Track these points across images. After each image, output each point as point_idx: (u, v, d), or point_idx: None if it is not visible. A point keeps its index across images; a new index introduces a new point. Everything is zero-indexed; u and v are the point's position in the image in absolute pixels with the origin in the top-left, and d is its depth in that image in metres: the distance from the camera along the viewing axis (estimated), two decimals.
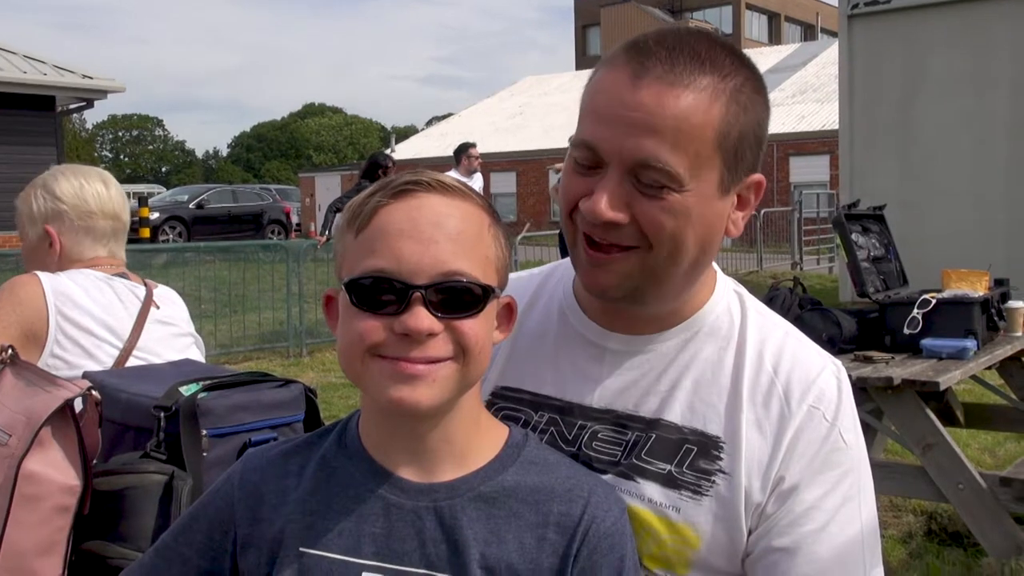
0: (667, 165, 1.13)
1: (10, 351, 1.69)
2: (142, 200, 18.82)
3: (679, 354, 1.29)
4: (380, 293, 1.07)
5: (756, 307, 1.36)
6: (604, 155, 1.16)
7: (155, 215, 21.74)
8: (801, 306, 4.48)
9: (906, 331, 4.20)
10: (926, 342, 4.12)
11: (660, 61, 1.14)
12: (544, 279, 1.45)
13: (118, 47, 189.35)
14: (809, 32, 53.94)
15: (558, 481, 1.16)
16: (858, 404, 3.84)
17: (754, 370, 1.27)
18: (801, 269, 17.47)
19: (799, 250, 18.27)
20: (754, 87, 1.20)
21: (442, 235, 1.08)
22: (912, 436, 3.86)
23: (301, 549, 1.13)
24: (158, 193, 32.53)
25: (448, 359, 1.08)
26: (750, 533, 1.22)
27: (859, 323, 4.39)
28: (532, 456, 1.18)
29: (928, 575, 3.95)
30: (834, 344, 4.28)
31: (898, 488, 4.13)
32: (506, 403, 1.34)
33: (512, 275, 1.48)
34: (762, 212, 18.85)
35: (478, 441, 1.17)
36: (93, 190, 2.46)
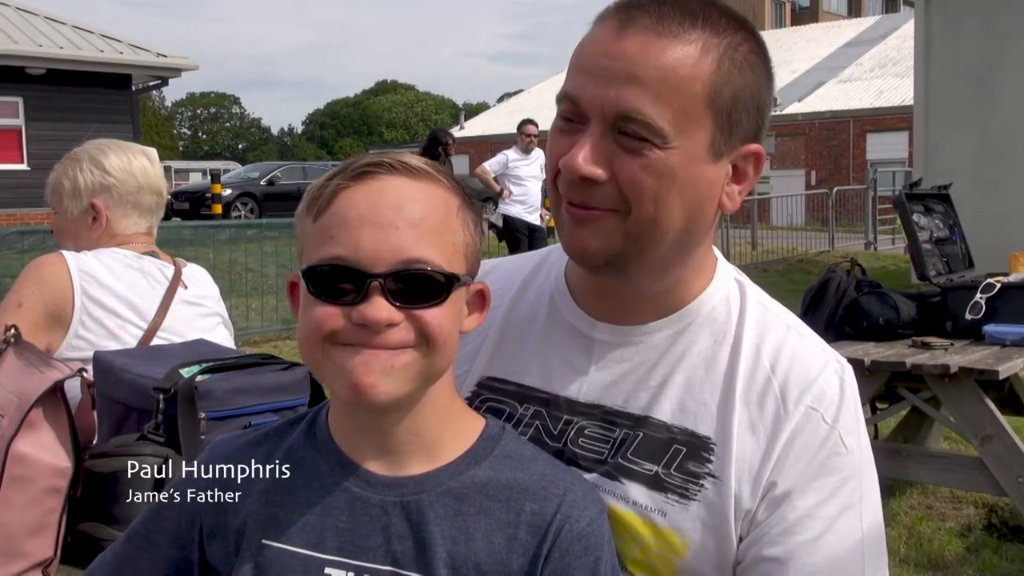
0: (648, 117, 1.05)
1: (13, 331, 1.68)
2: (214, 177, 19.10)
3: (671, 347, 1.21)
4: (338, 282, 1.02)
5: (758, 298, 1.26)
6: (585, 107, 1.09)
7: (227, 192, 22.10)
8: (858, 289, 4.33)
9: (968, 316, 4.04)
10: (989, 328, 3.95)
11: (648, 13, 1.08)
12: (539, 263, 1.37)
13: (195, 25, 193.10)
14: (891, 4, 52.30)
15: (532, 478, 1.10)
16: (915, 392, 3.71)
17: (750, 366, 1.18)
18: (875, 249, 17.05)
19: (873, 229, 17.80)
20: (752, 49, 1.12)
21: (403, 220, 1.02)
22: (970, 427, 3.70)
23: (264, 541, 1.09)
24: (231, 170, 33.12)
25: (408, 348, 1.03)
26: (740, 540, 1.14)
27: (919, 307, 4.23)
28: (508, 450, 1.12)
29: (985, 570, 3.80)
30: (892, 329, 4.14)
31: (955, 480, 3.98)
32: (492, 394, 1.27)
33: (506, 258, 1.43)
34: (835, 190, 18.39)
35: (451, 434, 1.12)
36: (140, 164, 2.44)
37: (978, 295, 4.00)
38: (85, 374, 1.75)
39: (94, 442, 1.79)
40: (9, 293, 2.18)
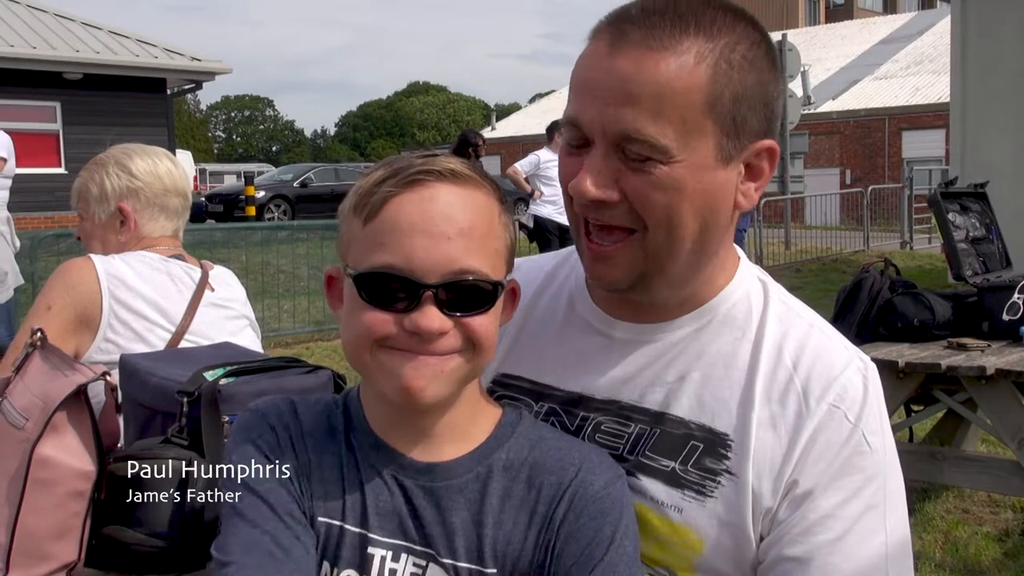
0: (649, 137, 1.05)
1: (39, 334, 1.70)
2: (248, 179, 19.29)
3: (690, 344, 1.21)
4: (390, 289, 1.05)
5: (780, 296, 1.26)
6: (586, 130, 1.09)
7: (261, 194, 22.27)
8: (892, 289, 4.27)
9: (1005, 317, 3.97)
10: None
11: (639, 27, 1.07)
12: (559, 263, 1.39)
13: (229, 29, 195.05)
14: (927, 0, 51.64)
15: (550, 454, 1.14)
16: (950, 394, 3.64)
17: (771, 364, 1.17)
18: (911, 248, 16.84)
19: (909, 228, 17.57)
20: (751, 44, 1.10)
21: (454, 230, 1.05)
22: (1007, 429, 3.63)
23: (319, 518, 1.12)
24: (265, 172, 33.39)
25: (456, 352, 1.07)
26: (761, 539, 1.13)
27: (955, 307, 4.16)
28: (527, 433, 1.16)
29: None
30: (927, 330, 4.07)
31: (992, 484, 3.91)
32: (506, 391, 1.30)
33: (527, 259, 1.43)
34: (869, 189, 18.17)
35: (477, 420, 1.16)
36: (165, 167, 2.47)
37: (1016, 295, 3.92)
38: (109, 377, 1.76)
39: (119, 445, 1.80)
40: (38, 296, 2.20)
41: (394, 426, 1.13)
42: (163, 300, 2.29)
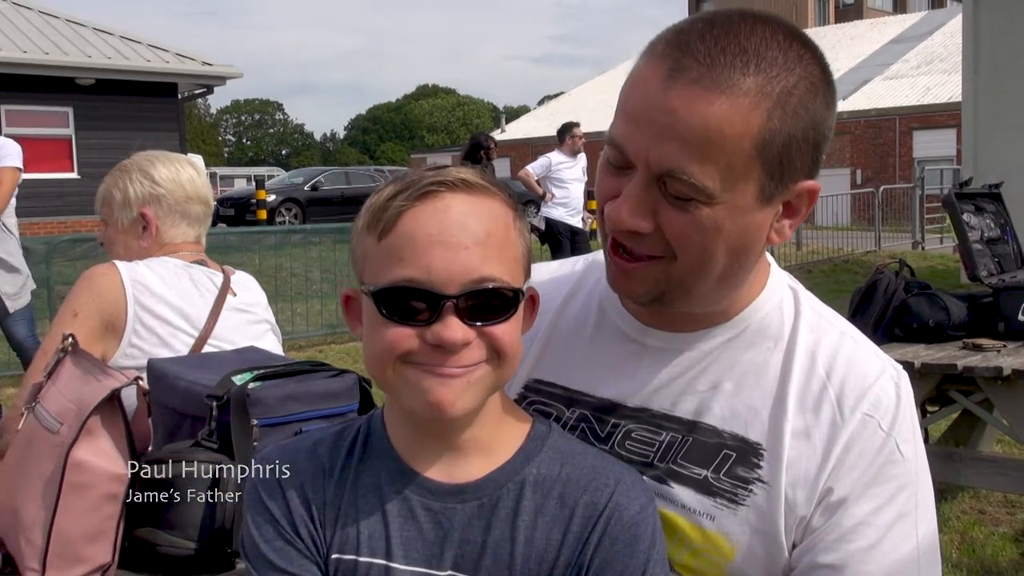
0: (693, 178, 1.04)
1: (70, 339, 1.72)
2: (259, 182, 19.32)
3: (722, 354, 1.22)
4: (410, 303, 1.04)
5: (812, 305, 1.27)
6: (631, 156, 1.09)
7: (271, 197, 22.29)
8: (907, 290, 4.27)
9: (1021, 317, 3.98)
10: None
11: (698, 61, 1.04)
12: (587, 269, 1.39)
13: (240, 33, 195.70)
14: None
15: (583, 471, 1.12)
16: (966, 395, 3.64)
17: (804, 373, 1.19)
18: (923, 248, 16.79)
19: (921, 229, 17.52)
20: (810, 86, 1.07)
21: (471, 239, 1.04)
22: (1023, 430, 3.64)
23: (333, 556, 1.11)
24: (276, 175, 33.44)
25: (482, 363, 1.06)
26: (794, 547, 1.15)
27: (971, 308, 4.16)
28: (557, 446, 1.15)
29: None
30: (942, 330, 4.08)
31: (1008, 484, 3.90)
32: (538, 397, 1.30)
33: (552, 264, 1.44)
34: (881, 189, 18.12)
35: (503, 432, 1.15)
36: (188, 175, 2.50)
37: None
38: (141, 382, 1.79)
39: (149, 449, 1.83)
40: (64, 303, 2.23)
41: (419, 445, 1.12)
42: (186, 305, 2.31)
